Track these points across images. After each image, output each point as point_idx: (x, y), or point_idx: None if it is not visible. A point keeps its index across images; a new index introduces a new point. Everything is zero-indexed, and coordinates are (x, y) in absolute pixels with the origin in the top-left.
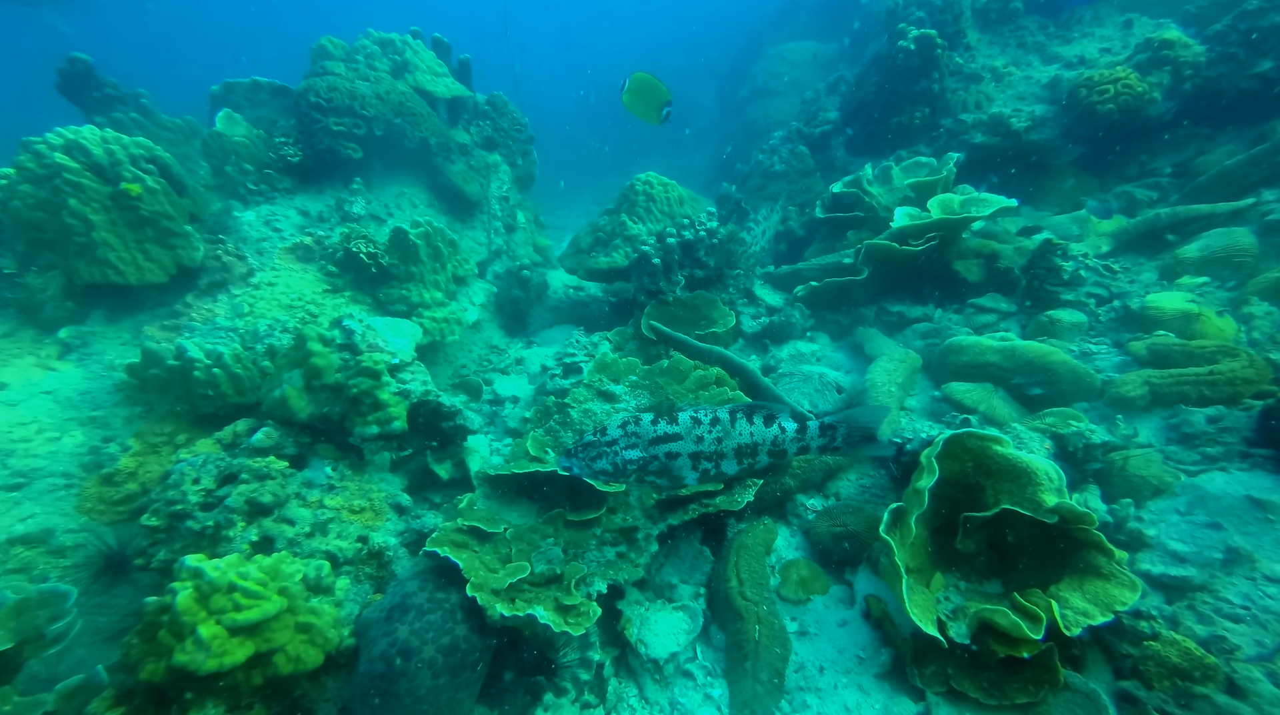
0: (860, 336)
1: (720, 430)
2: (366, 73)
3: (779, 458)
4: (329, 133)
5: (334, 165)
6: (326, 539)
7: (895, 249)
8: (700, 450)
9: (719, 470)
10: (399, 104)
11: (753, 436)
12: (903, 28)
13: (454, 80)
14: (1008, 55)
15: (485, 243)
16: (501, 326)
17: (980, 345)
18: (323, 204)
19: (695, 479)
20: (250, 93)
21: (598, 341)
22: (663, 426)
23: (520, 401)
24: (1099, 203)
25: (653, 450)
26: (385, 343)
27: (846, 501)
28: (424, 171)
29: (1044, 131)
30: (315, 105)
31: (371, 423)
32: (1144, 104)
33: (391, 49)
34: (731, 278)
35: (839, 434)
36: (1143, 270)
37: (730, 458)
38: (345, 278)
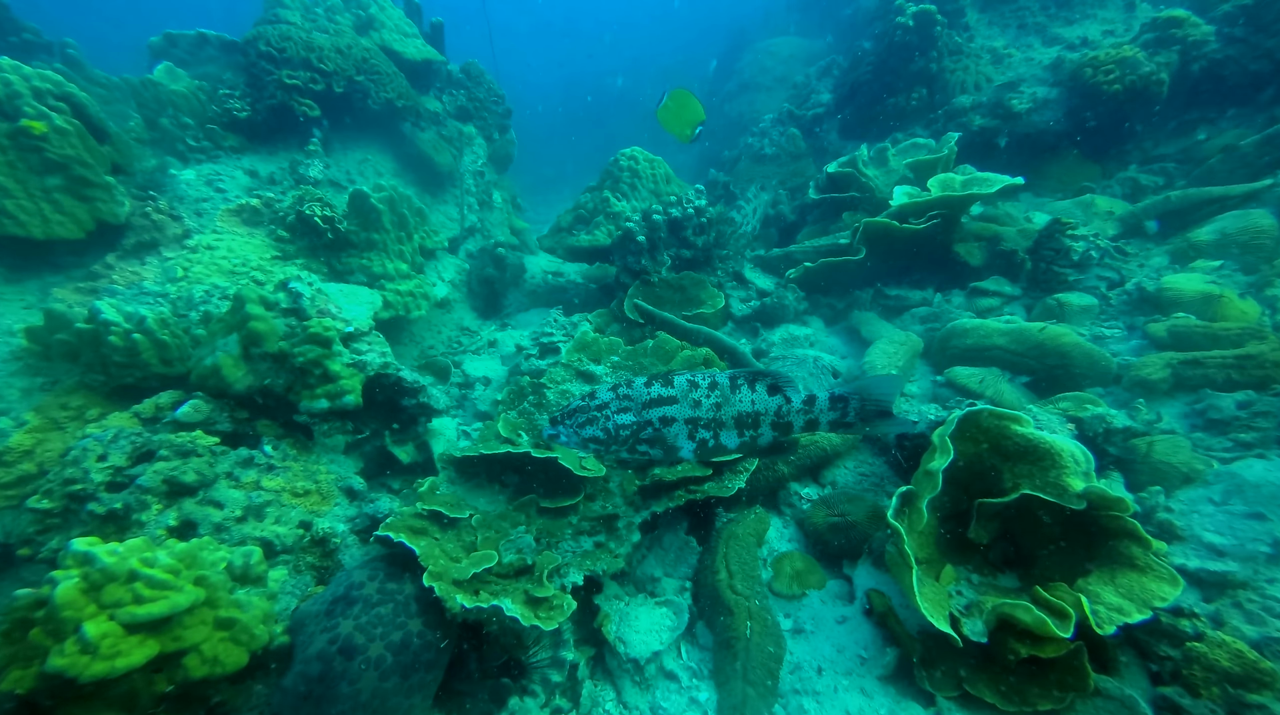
0: (857, 320)
1: (719, 395)
2: (326, 25)
3: (784, 433)
4: (281, 86)
5: (288, 124)
6: (262, 524)
7: (895, 227)
8: (697, 416)
9: (718, 442)
10: (361, 60)
11: (754, 405)
12: (900, 3)
13: (425, 43)
14: (1008, 36)
15: (458, 219)
16: (474, 308)
17: (985, 327)
18: (275, 166)
19: (691, 451)
20: (195, 46)
21: (577, 322)
22: (657, 389)
23: (492, 383)
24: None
25: (646, 414)
26: (339, 309)
27: (844, 490)
28: (390, 138)
29: (1045, 114)
30: (266, 55)
31: (320, 396)
32: (1150, 85)
33: (355, 3)
34: (720, 259)
35: (851, 407)
36: (1151, 254)
37: (730, 428)
38: (298, 244)
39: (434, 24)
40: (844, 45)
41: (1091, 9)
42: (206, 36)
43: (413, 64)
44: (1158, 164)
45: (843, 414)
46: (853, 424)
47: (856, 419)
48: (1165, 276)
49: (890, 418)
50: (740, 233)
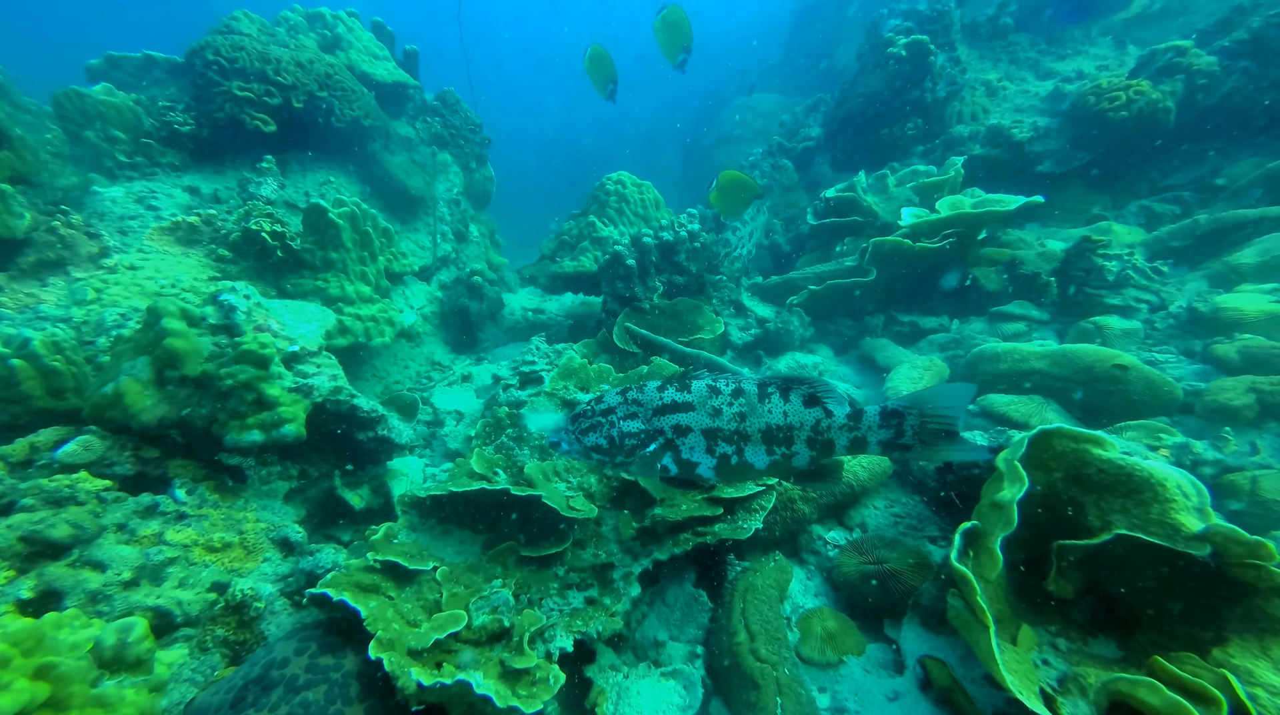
0: (870, 347)
1: (744, 404)
2: (286, 40)
3: (824, 453)
4: (232, 99)
5: (239, 140)
6: (159, 589)
7: (907, 247)
8: (717, 426)
9: (742, 459)
10: (325, 75)
11: (786, 417)
12: (891, 35)
13: (397, 67)
14: (1000, 70)
15: (430, 247)
16: (446, 341)
17: (1019, 351)
18: (222, 184)
19: (711, 467)
20: (141, 70)
21: (562, 350)
22: (671, 394)
23: (465, 418)
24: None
25: (658, 422)
26: (281, 326)
27: (877, 533)
28: (357, 160)
29: (1049, 142)
30: (214, 65)
31: (252, 426)
32: (1158, 113)
33: (321, 24)
34: (715, 286)
35: (908, 424)
36: (1185, 278)
37: (756, 442)
38: (241, 264)
39: (408, 51)
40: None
41: (1081, 46)
42: (154, 59)
43: (383, 86)
44: (1171, 193)
45: (897, 433)
46: (910, 447)
47: (915, 440)
48: (1219, 297)
49: (956, 440)
50: (735, 255)
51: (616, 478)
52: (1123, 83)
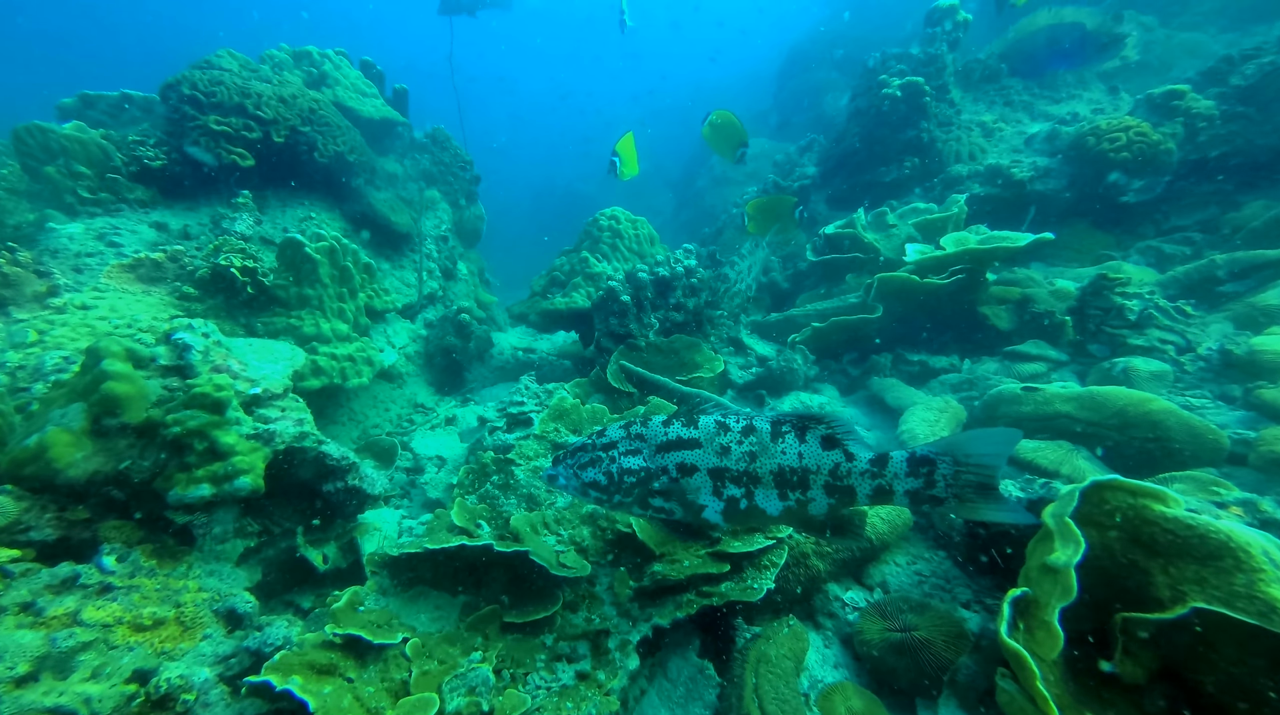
0: (879, 387)
1: (755, 443)
2: (270, 77)
3: (844, 501)
4: (207, 133)
5: (215, 176)
6: (64, 683)
7: (914, 283)
8: (725, 466)
9: (752, 503)
10: (308, 110)
11: (802, 460)
12: (885, 78)
13: (385, 104)
14: (995, 112)
15: (416, 285)
16: (430, 382)
17: (1044, 393)
18: (193, 221)
19: (719, 511)
20: (116, 108)
21: (553, 390)
22: (676, 429)
23: (448, 464)
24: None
25: (660, 459)
26: (243, 367)
27: (901, 594)
28: (340, 195)
29: (1050, 182)
30: (190, 99)
31: (201, 480)
32: (1160, 154)
33: (307, 61)
34: (713, 323)
35: (939, 473)
36: (1207, 320)
37: (768, 486)
38: (208, 302)
39: (397, 90)
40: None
41: (1075, 90)
42: (131, 97)
43: (371, 122)
44: (1180, 233)
45: (927, 483)
46: (942, 500)
47: (948, 493)
48: (1254, 339)
49: (994, 496)
50: (735, 290)
51: (611, 530)
52: (1122, 124)
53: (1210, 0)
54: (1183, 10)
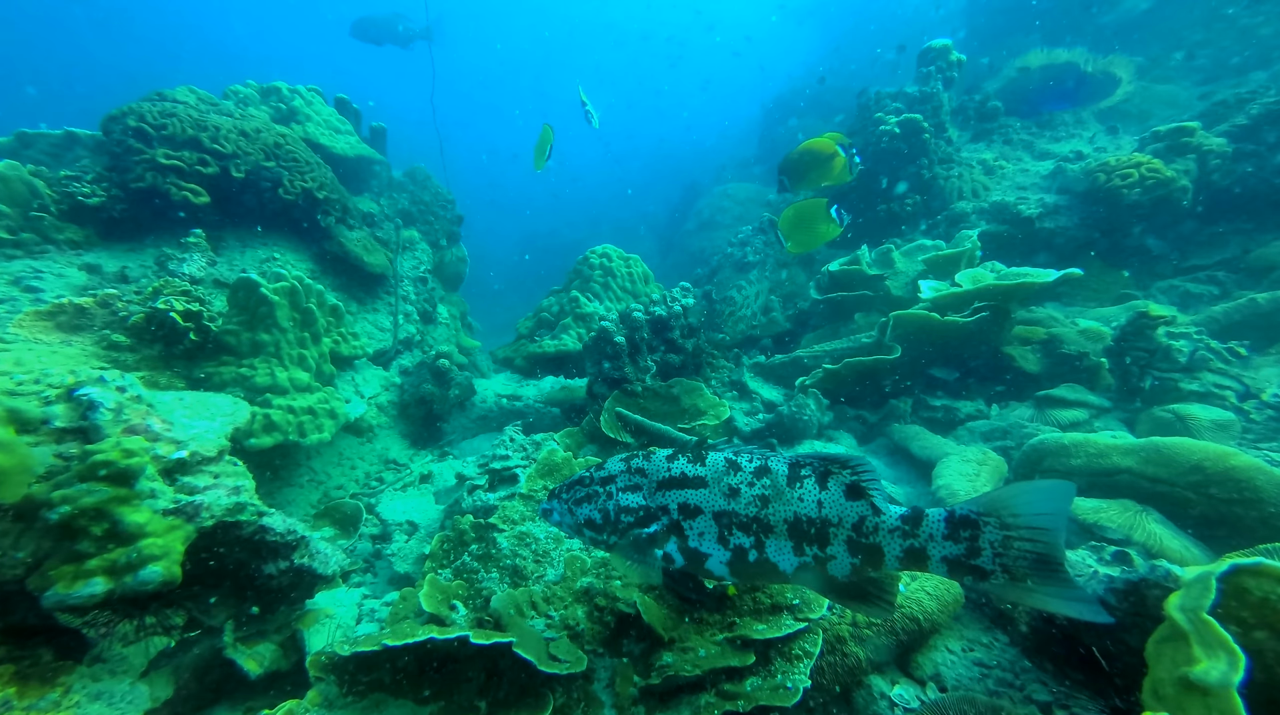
0: (901, 436)
1: (769, 486)
2: (233, 111)
3: (870, 562)
4: (154, 167)
5: (166, 214)
6: None
7: (934, 322)
8: (733, 510)
9: (763, 556)
10: (273, 145)
11: (822, 508)
12: (881, 115)
13: (360, 142)
14: (994, 150)
15: (389, 328)
16: (405, 435)
17: (1095, 444)
18: (135, 262)
19: (724, 562)
20: (61, 148)
21: (541, 441)
22: (681, 465)
23: (420, 531)
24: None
25: (661, 497)
26: (168, 426)
27: (963, 694)
28: (307, 236)
29: (1059, 219)
30: (137, 132)
31: (94, 574)
32: (1174, 191)
33: (276, 97)
34: (713, 367)
35: (985, 540)
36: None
37: (781, 537)
38: (142, 353)
39: (374, 128)
40: None
41: (1074, 129)
42: (77, 136)
43: (344, 160)
44: (1204, 273)
45: (970, 551)
46: (989, 573)
47: (996, 565)
48: None
49: (1057, 574)
50: (740, 314)
51: (611, 610)
52: (1133, 160)
53: (1179, 58)
54: (1153, 65)
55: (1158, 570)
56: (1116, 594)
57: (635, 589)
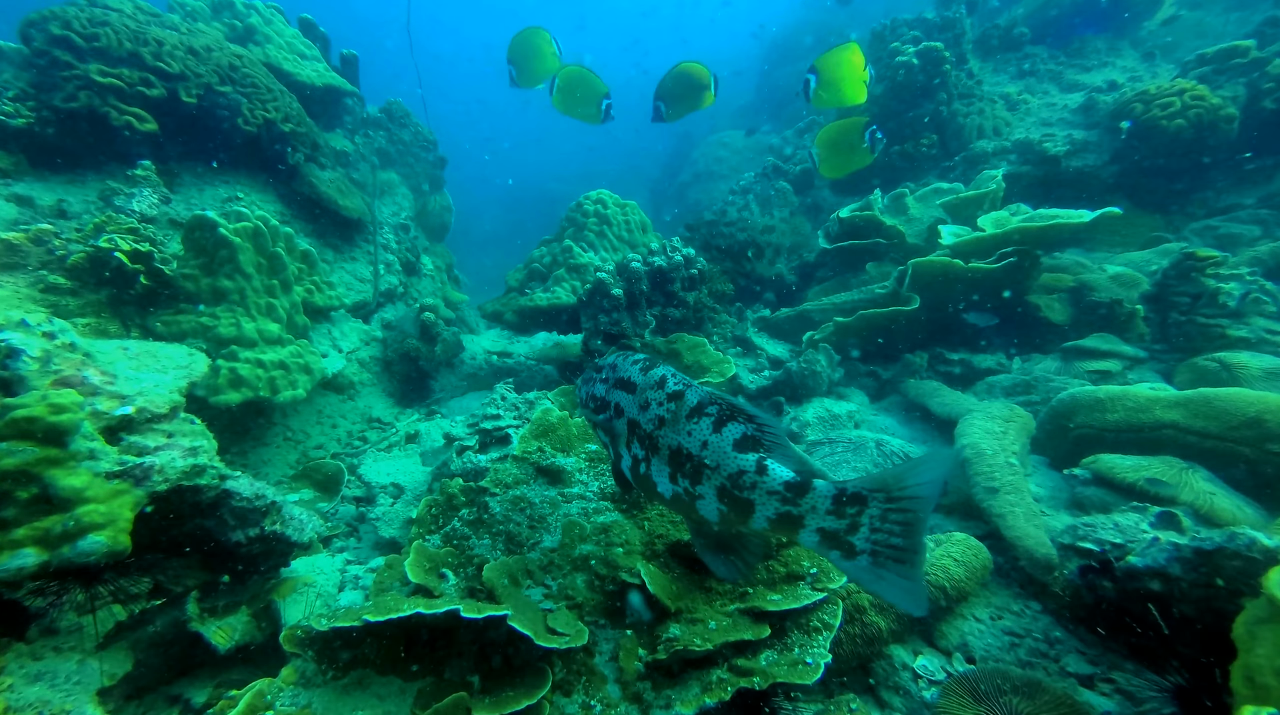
0: (917, 392)
1: (671, 411)
2: (178, 25)
3: (738, 514)
4: (88, 85)
5: (108, 142)
6: None
7: (958, 269)
8: (638, 422)
9: (649, 471)
10: (228, 67)
11: (704, 450)
12: (898, 45)
13: (329, 69)
14: (1019, 83)
15: (369, 279)
16: (389, 392)
17: (1133, 397)
18: (76, 196)
19: (628, 467)
20: None
21: (534, 399)
22: (632, 370)
23: (406, 493)
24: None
25: (612, 394)
26: (110, 378)
27: (994, 665)
28: (275, 172)
29: (1089, 157)
30: (63, 42)
31: (23, 544)
32: (1219, 121)
33: (229, 13)
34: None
35: (866, 515)
36: None
37: (663, 461)
38: (87, 297)
39: (345, 56)
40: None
41: (1106, 58)
42: (2, 50)
43: (312, 90)
44: (1244, 211)
45: (850, 527)
46: (858, 553)
47: (867, 545)
48: None
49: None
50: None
51: (613, 579)
52: (1175, 87)
53: None
54: None
55: (1239, 538)
56: (1184, 563)
57: (639, 556)
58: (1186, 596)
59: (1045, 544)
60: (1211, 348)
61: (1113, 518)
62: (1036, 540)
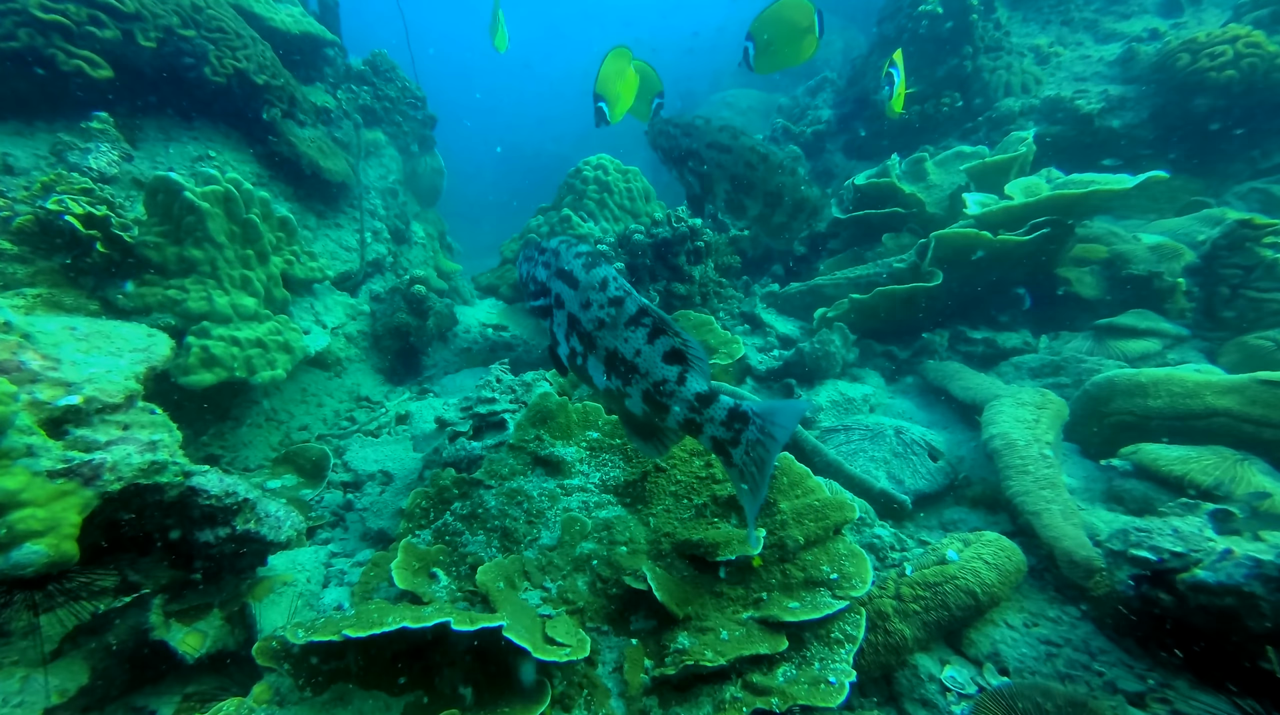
0: (938, 374)
1: (610, 316)
2: None
3: (657, 413)
4: (29, 22)
5: (57, 91)
6: None
7: (984, 241)
8: (580, 318)
9: (585, 365)
10: (191, 9)
11: (638, 356)
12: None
13: (305, 14)
14: (1050, 34)
15: (355, 248)
16: (378, 369)
17: (1180, 380)
18: (24, 150)
19: (565, 355)
20: None
21: (531, 381)
22: (575, 263)
23: (395, 481)
24: None
25: (552, 282)
26: (53, 363)
27: (1030, 679)
28: (251, 130)
29: (1126, 114)
30: None
31: None
32: (1274, 70)
33: None
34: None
35: (745, 437)
36: None
37: (600, 358)
38: (37, 265)
39: (325, 1)
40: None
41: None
42: None
43: (287, 39)
44: None
45: (733, 438)
46: (735, 466)
47: (744, 455)
48: None
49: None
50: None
51: (616, 582)
52: (1228, 34)
53: None
54: None
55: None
56: (1268, 582)
57: (644, 557)
58: (1266, 615)
59: (1086, 545)
60: (1264, 325)
61: (1170, 522)
62: (1076, 541)
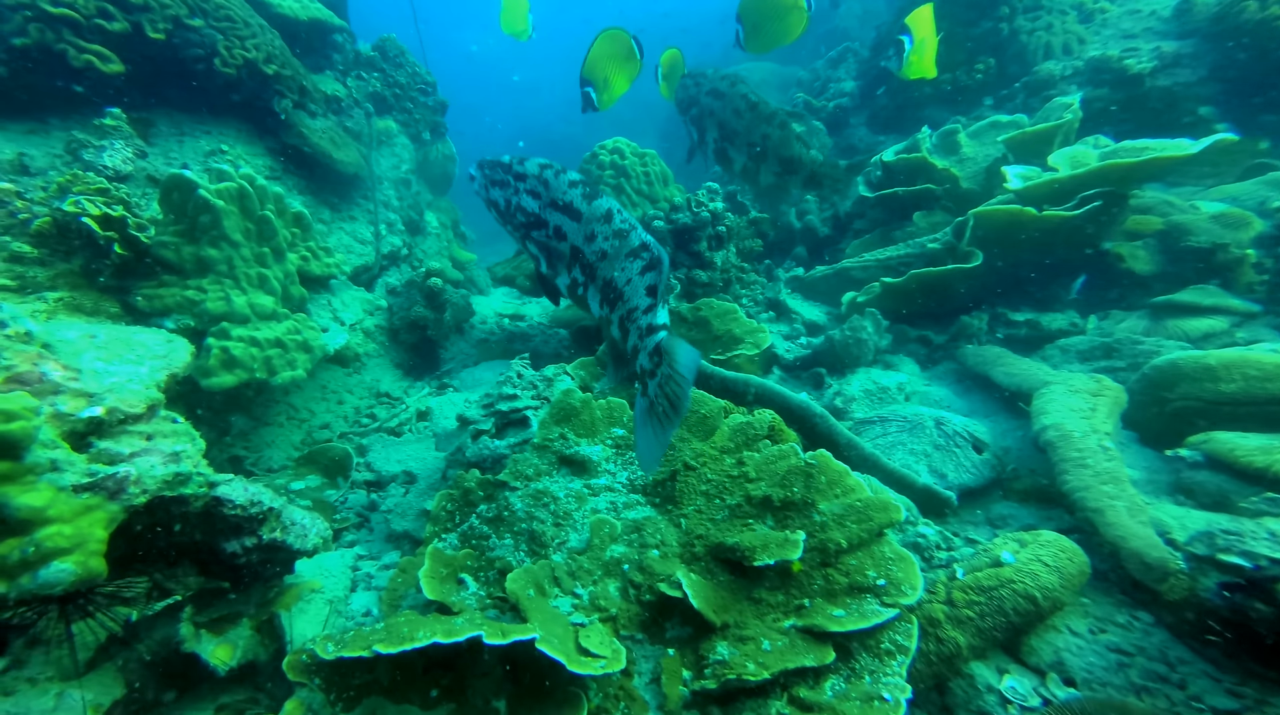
0: (978, 360)
1: (613, 247)
2: None
3: (622, 338)
4: (40, 17)
5: (69, 87)
6: None
7: (1029, 218)
8: (583, 251)
9: (585, 294)
10: None
11: (627, 285)
12: None
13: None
14: None
15: (370, 241)
16: (397, 364)
17: (1259, 364)
18: (40, 149)
19: (565, 284)
20: None
21: (553, 376)
22: (575, 194)
23: (419, 482)
24: None
25: (548, 214)
26: (74, 373)
27: (1100, 690)
28: (262, 122)
29: (1181, 73)
30: None
31: None
32: None
33: None
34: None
35: (661, 372)
36: None
37: (597, 287)
38: (56, 268)
39: None
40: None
41: None
42: None
43: (295, 26)
44: None
45: (651, 372)
46: (650, 399)
47: (654, 393)
48: None
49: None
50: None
51: (649, 588)
52: None
53: None
54: None
55: None
56: None
57: (677, 561)
58: None
59: (1158, 545)
60: None
61: (1264, 524)
62: (1146, 541)
